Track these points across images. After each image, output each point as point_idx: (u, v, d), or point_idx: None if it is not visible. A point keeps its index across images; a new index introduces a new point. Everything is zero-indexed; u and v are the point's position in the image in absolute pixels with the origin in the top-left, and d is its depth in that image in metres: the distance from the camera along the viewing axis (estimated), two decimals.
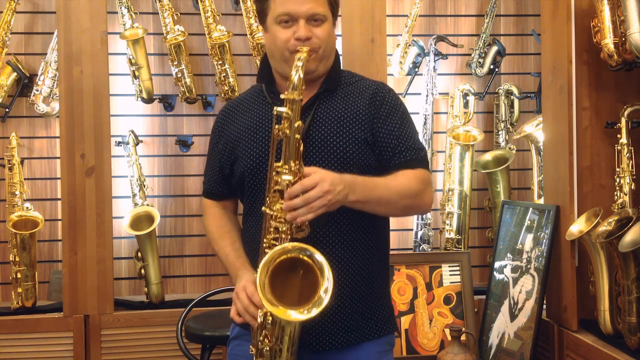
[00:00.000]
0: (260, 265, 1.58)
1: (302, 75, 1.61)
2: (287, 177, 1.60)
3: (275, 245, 1.62)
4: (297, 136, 1.61)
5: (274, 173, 1.63)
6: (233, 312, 1.74)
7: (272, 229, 1.65)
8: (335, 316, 1.75)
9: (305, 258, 1.59)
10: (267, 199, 1.66)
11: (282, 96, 1.62)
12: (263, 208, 1.67)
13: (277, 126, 1.62)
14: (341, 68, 1.90)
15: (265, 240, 1.67)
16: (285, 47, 1.73)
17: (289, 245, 1.61)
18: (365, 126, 1.77)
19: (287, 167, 1.61)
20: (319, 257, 1.58)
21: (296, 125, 1.61)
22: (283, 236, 1.64)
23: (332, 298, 1.55)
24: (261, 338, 1.66)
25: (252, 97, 1.92)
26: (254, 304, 1.67)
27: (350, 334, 1.79)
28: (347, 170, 1.71)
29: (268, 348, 1.66)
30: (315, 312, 1.54)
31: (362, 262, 1.80)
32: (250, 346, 1.73)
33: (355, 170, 1.74)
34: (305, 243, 1.61)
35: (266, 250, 1.64)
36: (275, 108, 1.62)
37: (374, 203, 1.70)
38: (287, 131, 1.60)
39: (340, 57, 1.95)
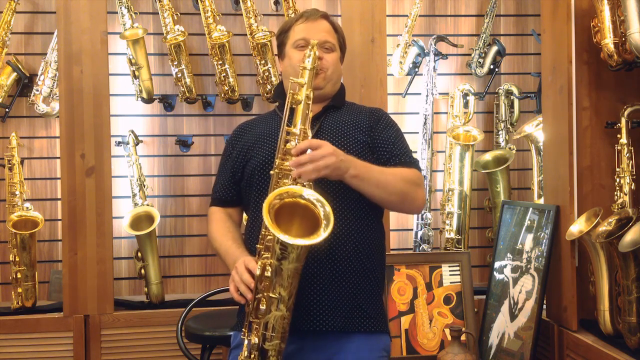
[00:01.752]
0: (266, 202, 1.68)
1: (317, 53, 1.89)
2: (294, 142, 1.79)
3: None
4: (308, 102, 1.83)
5: (284, 134, 1.82)
6: (231, 288, 1.82)
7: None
8: (327, 299, 1.89)
9: (303, 201, 1.71)
10: (276, 160, 1.82)
11: (300, 65, 1.87)
12: (271, 171, 1.82)
13: (291, 91, 1.86)
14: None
15: None
16: (298, 64, 1.95)
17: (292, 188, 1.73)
18: (365, 132, 2.03)
19: (296, 129, 1.80)
20: (313, 195, 1.71)
21: (307, 92, 1.83)
22: None
23: (332, 230, 1.67)
24: (260, 287, 1.73)
25: (265, 116, 2.20)
26: (250, 272, 1.76)
27: (339, 319, 1.89)
28: None
29: (265, 300, 1.71)
30: (320, 238, 1.63)
31: (361, 256, 1.95)
32: (243, 329, 1.80)
33: None
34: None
35: None
36: (290, 78, 1.87)
37: (372, 183, 1.88)
38: (299, 97, 1.82)
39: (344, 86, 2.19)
